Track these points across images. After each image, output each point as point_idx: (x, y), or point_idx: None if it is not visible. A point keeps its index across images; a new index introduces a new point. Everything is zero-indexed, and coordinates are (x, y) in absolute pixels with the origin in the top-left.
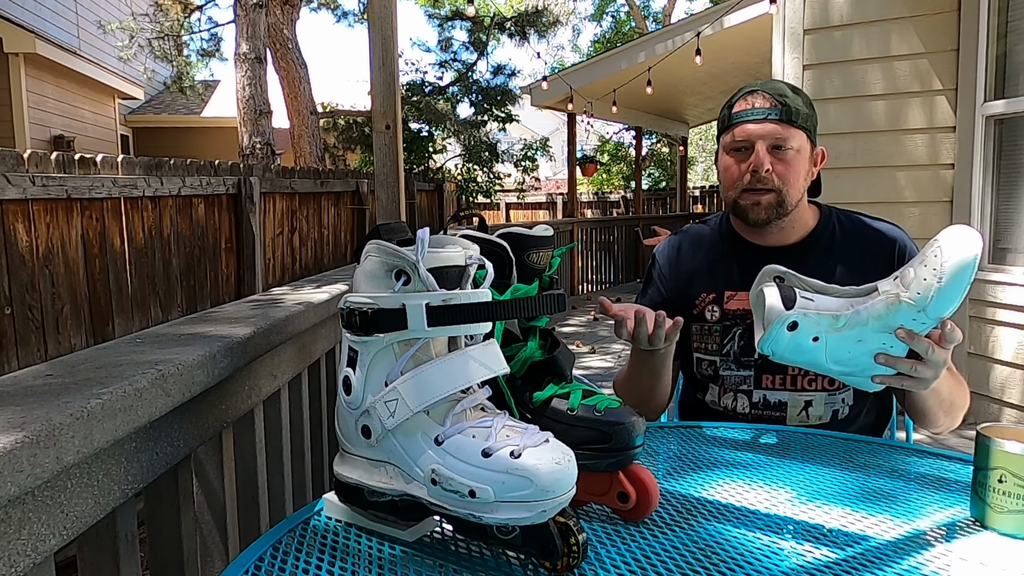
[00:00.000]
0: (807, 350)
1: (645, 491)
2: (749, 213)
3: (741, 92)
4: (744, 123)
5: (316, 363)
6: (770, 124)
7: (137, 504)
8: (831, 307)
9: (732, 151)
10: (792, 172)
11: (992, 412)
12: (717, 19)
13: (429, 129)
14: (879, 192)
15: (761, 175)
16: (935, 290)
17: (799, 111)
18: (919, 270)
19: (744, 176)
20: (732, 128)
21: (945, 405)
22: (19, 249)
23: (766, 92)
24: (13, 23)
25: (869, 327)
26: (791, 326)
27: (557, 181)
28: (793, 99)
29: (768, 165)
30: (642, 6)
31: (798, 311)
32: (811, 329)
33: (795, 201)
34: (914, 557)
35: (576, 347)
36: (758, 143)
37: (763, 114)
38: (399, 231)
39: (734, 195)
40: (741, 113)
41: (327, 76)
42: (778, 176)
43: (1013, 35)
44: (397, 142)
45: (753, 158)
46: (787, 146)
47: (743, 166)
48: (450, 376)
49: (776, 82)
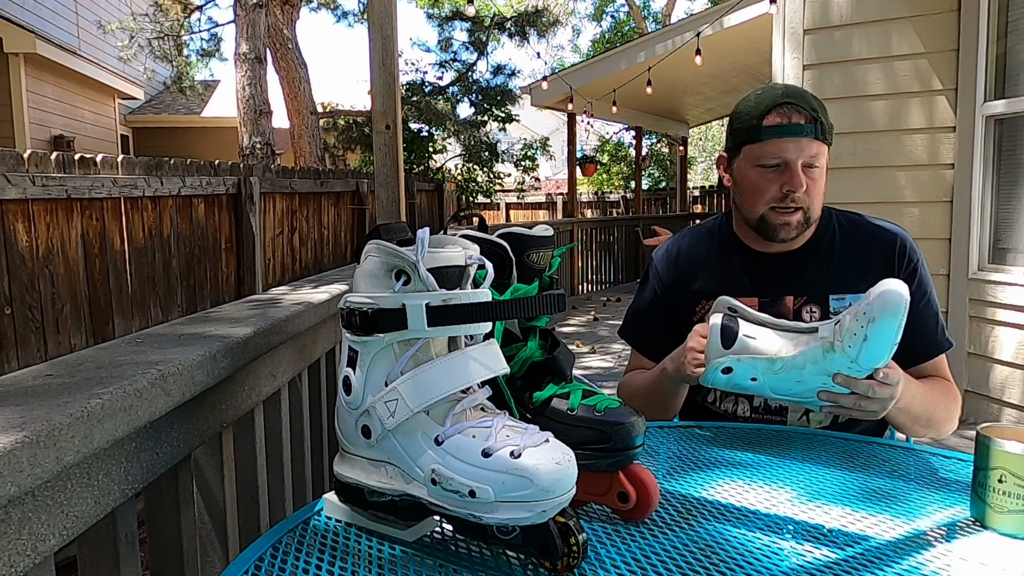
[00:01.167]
0: (747, 387)
1: (645, 491)
2: (779, 232)
3: (768, 102)
4: (782, 140)
5: (316, 363)
6: (806, 142)
7: (137, 504)
8: (772, 346)
9: (763, 166)
10: (818, 188)
11: (992, 412)
12: (717, 19)
13: (429, 129)
14: (879, 192)
15: (796, 195)
16: (862, 346)
17: (830, 126)
18: (851, 323)
19: (775, 194)
20: (765, 143)
21: (921, 420)
22: (19, 249)
23: (800, 107)
24: (13, 23)
25: (806, 371)
26: (725, 370)
27: (557, 181)
28: (823, 113)
29: (805, 186)
30: (642, 6)
31: (731, 357)
32: (747, 371)
33: (818, 216)
34: (914, 557)
35: (576, 347)
36: (796, 163)
37: (802, 132)
38: (399, 231)
39: (762, 210)
40: (778, 129)
41: (327, 76)
42: (808, 195)
43: (1013, 35)
44: (397, 142)
45: (792, 179)
46: (818, 164)
47: (776, 184)
48: (450, 376)
49: (802, 91)
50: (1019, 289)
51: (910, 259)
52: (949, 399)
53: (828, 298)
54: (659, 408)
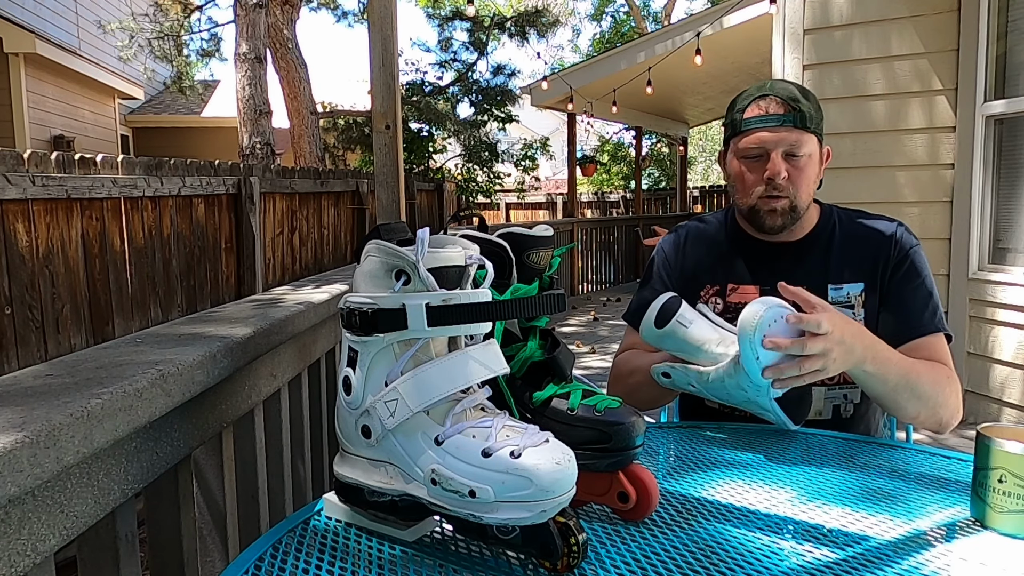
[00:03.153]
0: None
1: (645, 491)
2: (766, 220)
3: (751, 95)
4: (758, 130)
5: (316, 363)
6: (784, 131)
7: (137, 504)
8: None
9: (745, 158)
10: (804, 178)
11: (992, 412)
12: (717, 19)
13: (429, 129)
14: (879, 192)
15: (777, 183)
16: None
17: (811, 116)
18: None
19: (760, 184)
20: (745, 134)
21: (904, 392)
22: (19, 249)
23: (779, 97)
24: (13, 23)
25: (726, 384)
26: (664, 374)
27: (557, 181)
28: (805, 103)
29: (785, 173)
30: (642, 6)
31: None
32: (682, 379)
33: (807, 205)
34: (914, 557)
35: (576, 347)
36: (773, 151)
37: (778, 121)
38: (399, 231)
39: (751, 202)
40: (754, 119)
41: (327, 76)
42: (792, 183)
43: (1013, 35)
44: (397, 142)
45: (770, 167)
46: (800, 152)
47: (758, 174)
48: (450, 376)
49: (785, 83)
50: (1019, 289)
51: (903, 247)
52: (940, 375)
53: (827, 288)
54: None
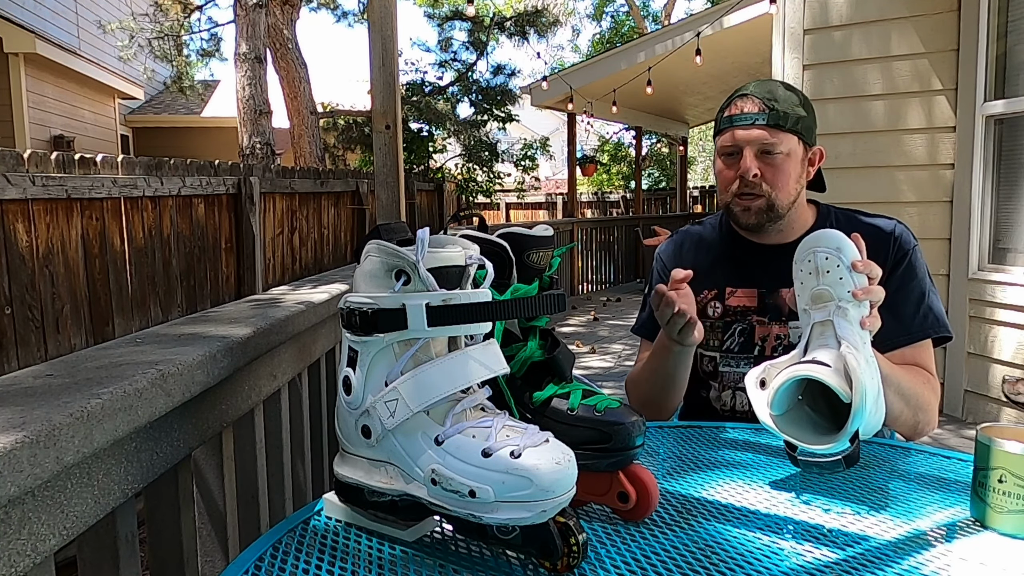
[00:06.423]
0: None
1: (645, 491)
2: (741, 218)
3: (732, 95)
4: (734, 129)
5: (316, 363)
6: (757, 130)
7: (137, 504)
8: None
9: (723, 156)
10: (782, 176)
11: (992, 412)
12: (717, 19)
13: (429, 129)
14: (879, 192)
15: (749, 180)
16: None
17: (788, 114)
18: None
19: (735, 181)
20: (723, 132)
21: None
22: (19, 249)
23: (756, 96)
24: (13, 23)
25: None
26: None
27: (557, 181)
28: (783, 102)
29: (756, 171)
30: (642, 6)
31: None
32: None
33: (787, 204)
34: (914, 557)
35: (576, 347)
36: (746, 149)
37: (751, 119)
38: (399, 231)
39: (727, 199)
40: (731, 118)
41: (327, 76)
42: (767, 182)
43: (1013, 35)
44: (397, 142)
45: (741, 164)
46: (775, 151)
47: (734, 171)
48: (450, 376)
49: (770, 83)
50: (1019, 289)
51: (902, 247)
52: (919, 379)
53: None
54: (666, 389)
